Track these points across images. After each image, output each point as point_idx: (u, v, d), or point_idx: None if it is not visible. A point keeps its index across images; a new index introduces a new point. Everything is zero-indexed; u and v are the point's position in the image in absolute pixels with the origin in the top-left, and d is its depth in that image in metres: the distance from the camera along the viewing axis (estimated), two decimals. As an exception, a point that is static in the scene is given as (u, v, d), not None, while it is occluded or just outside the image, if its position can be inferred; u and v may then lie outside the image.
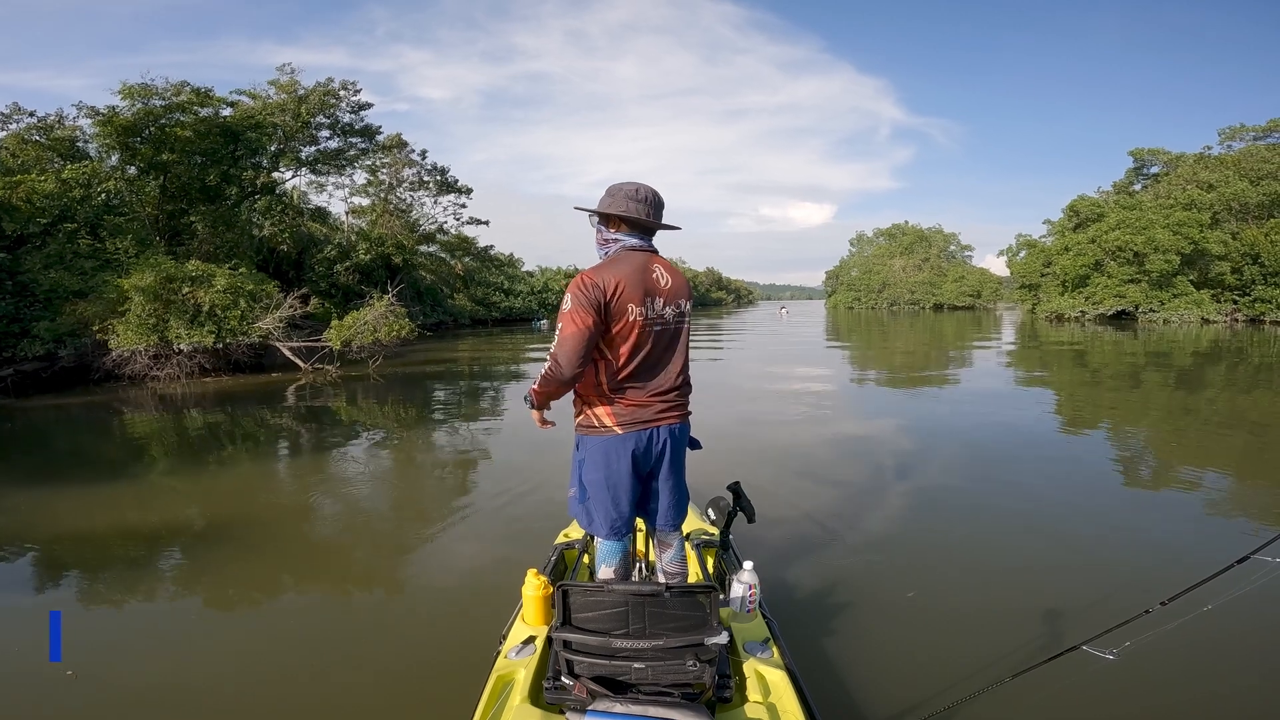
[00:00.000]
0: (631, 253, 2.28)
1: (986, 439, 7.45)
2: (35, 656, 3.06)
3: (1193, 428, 8.29)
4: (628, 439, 2.28)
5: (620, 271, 2.20)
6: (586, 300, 2.15)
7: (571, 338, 2.16)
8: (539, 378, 2.24)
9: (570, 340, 2.17)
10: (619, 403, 2.27)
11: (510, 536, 4.55)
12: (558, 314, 2.25)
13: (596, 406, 2.30)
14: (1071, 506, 5.05)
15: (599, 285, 2.16)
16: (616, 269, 2.22)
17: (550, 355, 2.20)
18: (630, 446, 2.28)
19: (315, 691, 2.80)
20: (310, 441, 8.17)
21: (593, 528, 2.41)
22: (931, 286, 71.95)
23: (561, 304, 2.22)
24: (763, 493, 4.25)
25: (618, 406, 2.27)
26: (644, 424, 2.28)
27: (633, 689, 1.92)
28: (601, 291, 2.16)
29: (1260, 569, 1.59)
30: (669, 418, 2.32)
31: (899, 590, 3.66)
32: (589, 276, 2.19)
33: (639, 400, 2.28)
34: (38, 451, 8.00)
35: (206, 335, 13.24)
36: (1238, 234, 37.40)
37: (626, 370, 2.24)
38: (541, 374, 2.23)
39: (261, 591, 3.86)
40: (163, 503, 5.56)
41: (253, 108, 20.88)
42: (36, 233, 14.73)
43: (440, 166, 32.64)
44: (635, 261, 2.25)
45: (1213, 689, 2.74)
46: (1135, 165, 46.82)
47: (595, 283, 2.17)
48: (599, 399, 2.29)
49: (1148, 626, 1.83)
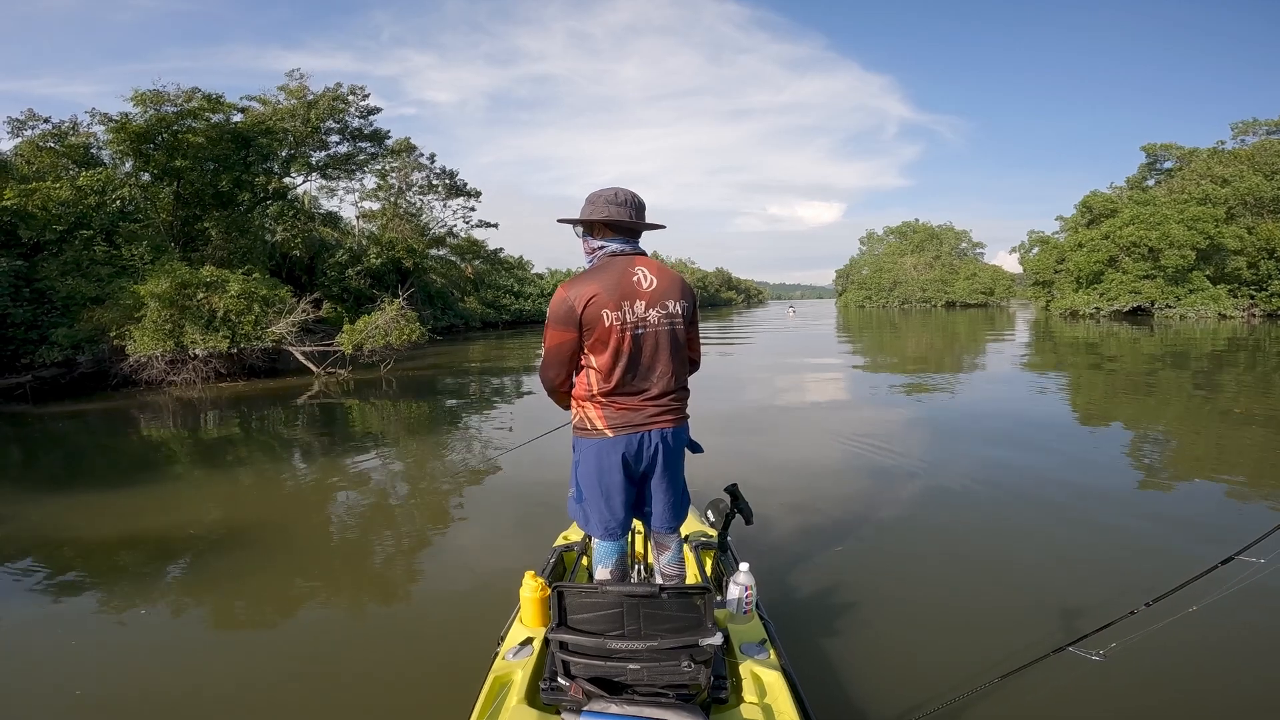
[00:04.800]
0: (613, 258, 2.31)
1: (984, 441, 7.40)
2: (47, 664, 3.14)
3: (1195, 428, 8.21)
4: (618, 442, 2.31)
5: (595, 280, 2.24)
6: (558, 316, 2.24)
7: (549, 353, 2.34)
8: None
9: (549, 355, 2.35)
10: (610, 406, 2.30)
11: (509, 538, 4.60)
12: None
13: (589, 410, 2.34)
14: (1062, 507, 5.04)
15: (567, 300, 2.22)
16: (591, 278, 2.25)
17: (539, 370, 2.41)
18: (621, 449, 2.31)
19: (313, 692, 2.85)
20: (322, 446, 8.26)
21: (589, 528, 2.45)
22: (943, 284, 71.42)
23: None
24: (760, 495, 4.28)
25: (609, 410, 2.30)
26: (635, 427, 2.30)
27: (628, 690, 1.94)
28: (570, 306, 2.21)
29: (1245, 569, 1.61)
30: (662, 421, 2.33)
31: (893, 592, 3.68)
32: (560, 291, 2.26)
33: (630, 404, 2.30)
34: (56, 457, 8.14)
35: (221, 340, 13.40)
36: (1253, 229, 36.89)
37: (613, 375, 2.26)
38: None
39: (266, 595, 3.92)
40: (177, 508, 5.65)
41: (263, 113, 21.05)
42: (53, 240, 14.94)
43: (449, 170, 32.87)
44: (615, 267, 2.28)
45: (1198, 689, 2.74)
46: (1148, 160, 46.31)
47: (564, 297, 2.23)
48: (591, 402, 2.33)
49: (1134, 627, 1.85)
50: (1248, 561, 1.61)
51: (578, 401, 2.38)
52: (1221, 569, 1.69)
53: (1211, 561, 1.73)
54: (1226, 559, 1.68)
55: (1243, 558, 1.63)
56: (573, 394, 2.41)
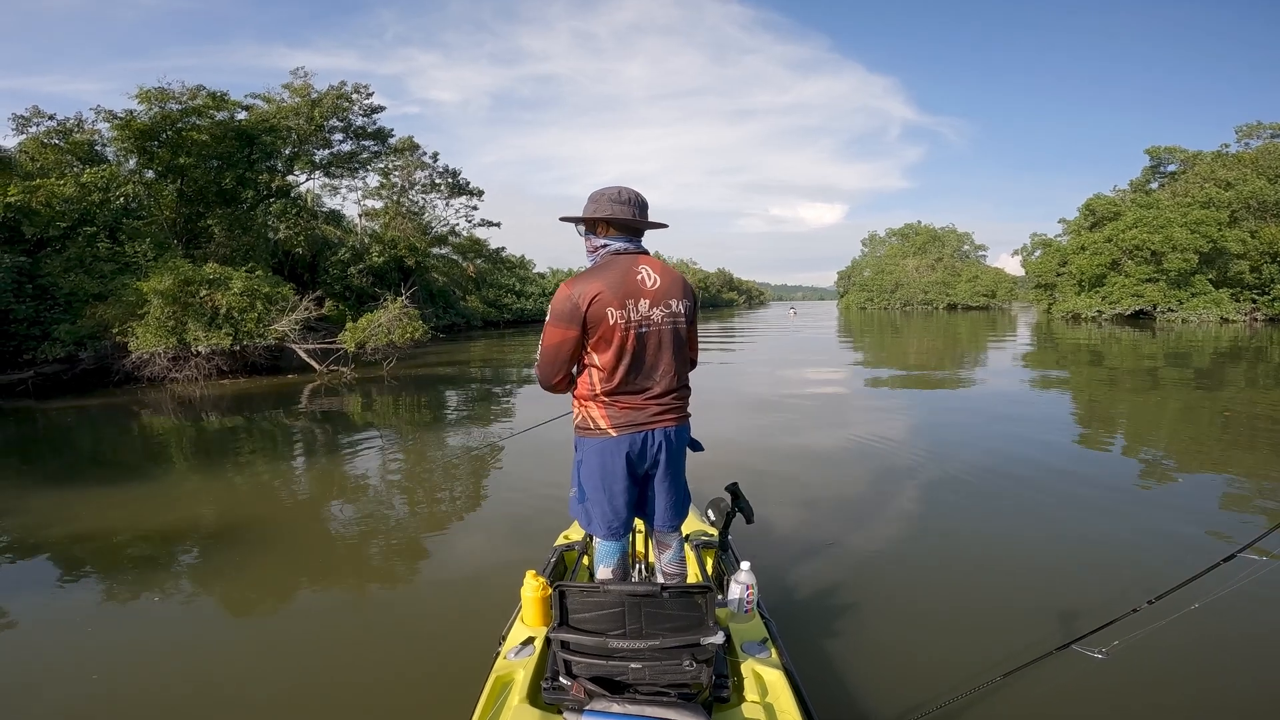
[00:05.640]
0: (616, 256, 2.30)
1: (988, 440, 7.41)
2: (56, 657, 3.15)
3: (1199, 429, 8.20)
4: (622, 441, 2.30)
5: (599, 278, 2.23)
6: (561, 313, 2.22)
7: (547, 350, 2.28)
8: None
9: (546, 353, 2.29)
10: (613, 405, 2.29)
11: (511, 538, 4.60)
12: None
13: (592, 409, 2.33)
14: (1064, 506, 5.05)
15: (571, 297, 2.21)
16: (595, 275, 2.24)
17: (535, 366, 2.34)
18: (624, 449, 2.30)
19: (315, 690, 2.85)
20: (324, 443, 8.27)
21: (591, 528, 2.44)
22: (945, 287, 71.30)
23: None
24: (761, 493, 4.28)
25: (612, 409, 2.29)
26: (639, 426, 2.30)
27: (630, 689, 1.94)
28: (574, 304, 2.20)
29: (1247, 566, 1.61)
30: (665, 420, 2.33)
31: (895, 590, 3.68)
32: (564, 289, 2.24)
33: (633, 403, 2.30)
34: (59, 453, 8.15)
35: (224, 337, 13.42)
36: (1256, 232, 36.84)
37: (616, 374, 2.26)
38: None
39: (269, 593, 3.92)
40: (180, 503, 5.66)
41: (267, 111, 21.08)
42: (56, 236, 14.95)
43: (452, 169, 32.91)
44: (618, 265, 2.27)
45: (1201, 686, 2.74)
46: (1152, 163, 46.23)
47: (568, 294, 2.21)
48: (594, 401, 2.32)
49: (1136, 625, 1.85)
50: (1249, 559, 1.61)
51: (580, 401, 2.37)
52: (1224, 566, 1.69)
53: (1214, 559, 1.73)
54: (1229, 556, 1.68)
55: (1245, 555, 1.63)
56: (575, 393, 2.39)
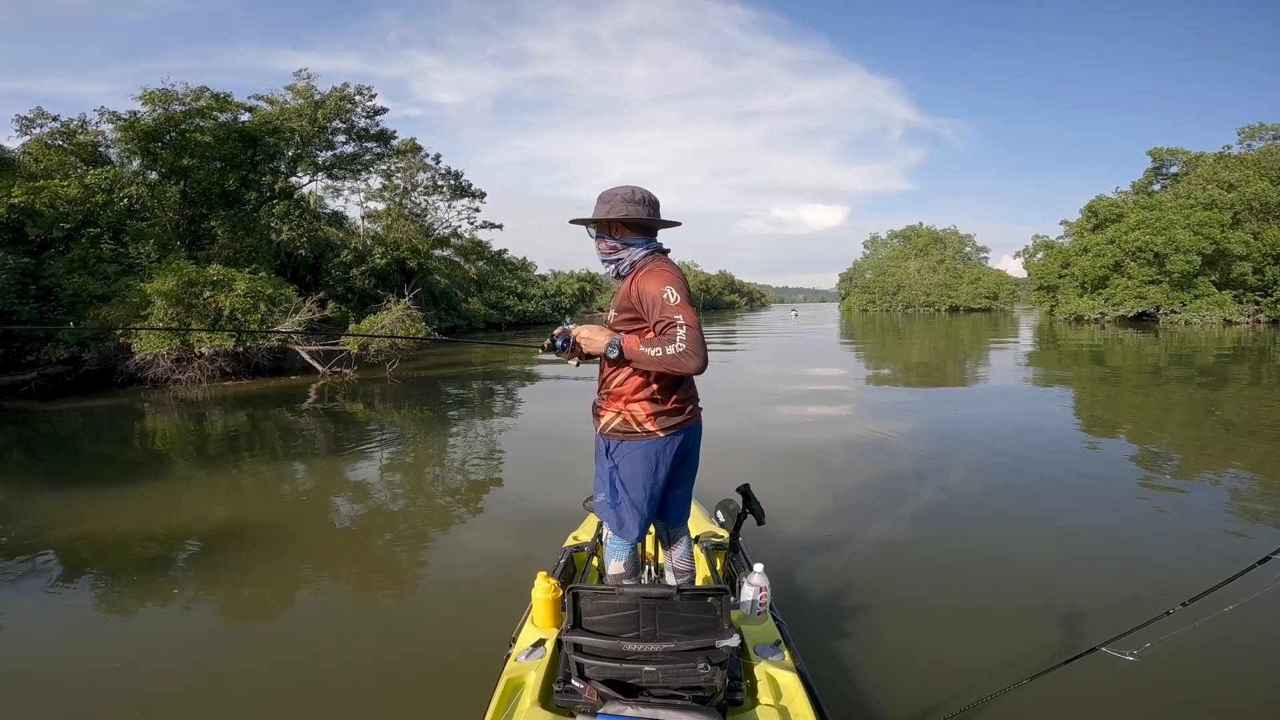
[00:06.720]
0: (667, 255, 2.30)
1: (1001, 440, 7.37)
2: (62, 656, 3.12)
3: (1213, 429, 8.15)
4: (670, 441, 2.26)
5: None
6: (690, 293, 2.16)
7: (700, 332, 2.05)
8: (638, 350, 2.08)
9: (701, 334, 2.05)
10: (665, 405, 2.23)
11: (519, 539, 4.57)
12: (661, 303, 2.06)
13: (636, 410, 2.23)
14: (1089, 507, 5.00)
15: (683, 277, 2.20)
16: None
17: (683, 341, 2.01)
18: (672, 449, 2.27)
19: (326, 692, 2.83)
20: (327, 444, 8.24)
21: (623, 531, 2.34)
22: (947, 289, 71.23)
23: (663, 294, 2.07)
24: (773, 494, 4.23)
25: (661, 409, 2.23)
26: (679, 425, 2.27)
27: (643, 692, 1.91)
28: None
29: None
30: (696, 415, 2.34)
31: (912, 593, 3.63)
32: (674, 269, 2.19)
33: (678, 401, 2.27)
34: (62, 454, 8.13)
35: (227, 339, 13.41)
36: (1259, 234, 36.78)
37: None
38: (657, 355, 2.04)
39: (276, 594, 3.90)
40: (184, 504, 5.63)
41: (270, 113, 21.11)
42: (60, 238, 14.96)
43: (454, 171, 32.98)
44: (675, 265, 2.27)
45: (1234, 690, 2.70)
46: (1154, 165, 46.18)
47: (683, 276, 2.19)
48: (641, 402, 2.23)
49: (1169, 627, 1.81)
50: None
51: (622, 402, 2.25)
52: (1259, 568, 1.65)
53: (1239, 560, 1.70)
54: (1264, 558, 1.64)
55: (1278, 558, 1.60)
56: (611, 394, 2.28)
